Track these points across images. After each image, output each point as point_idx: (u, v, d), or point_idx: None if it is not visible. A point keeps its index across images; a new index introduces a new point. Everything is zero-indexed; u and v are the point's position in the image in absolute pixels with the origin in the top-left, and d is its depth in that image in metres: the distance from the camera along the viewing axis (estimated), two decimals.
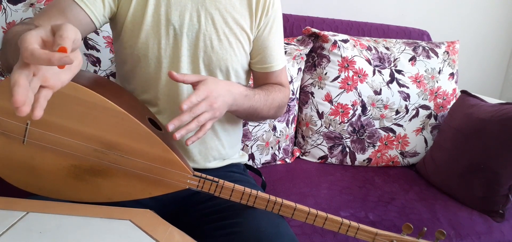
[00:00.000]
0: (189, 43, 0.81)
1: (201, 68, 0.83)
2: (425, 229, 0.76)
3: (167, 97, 0.83)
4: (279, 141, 1.32)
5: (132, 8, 0.79)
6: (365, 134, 1.38)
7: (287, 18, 1.45)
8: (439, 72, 1.44)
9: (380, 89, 1.37)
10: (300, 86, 1.40)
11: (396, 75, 1.40)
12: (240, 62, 0.87)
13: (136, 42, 0.79)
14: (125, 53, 0.82)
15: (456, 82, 1.48)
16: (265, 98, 0.85)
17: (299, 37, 1.42)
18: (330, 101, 1.36)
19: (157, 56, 0.80)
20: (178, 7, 0.80)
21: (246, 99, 0.80)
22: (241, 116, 0.90)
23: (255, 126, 1.26)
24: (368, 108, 1.37)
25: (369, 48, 1.41)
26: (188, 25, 0.80)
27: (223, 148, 0.91)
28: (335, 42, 1.36)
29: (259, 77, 0.94)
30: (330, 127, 1.37)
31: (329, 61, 1.36)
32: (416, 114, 1.41)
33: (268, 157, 1.32)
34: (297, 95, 1.38)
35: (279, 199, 0.72)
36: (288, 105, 1.31)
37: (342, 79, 1.35)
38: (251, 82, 0.99)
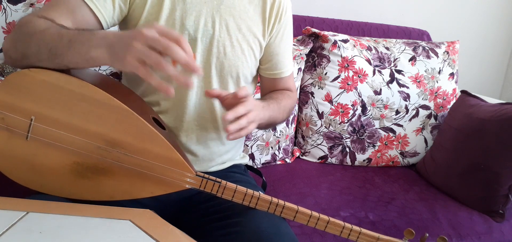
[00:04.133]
0: (203, 48, 0.81)
1: (213, 74, 0.82)
2: (427, 235, 0.75)
3: (174, 99, 0.82)
4: (279, 141, 1.32)
5: (146, 11, 0.78)
6: (365, 134, 1.38)
7: None
8: (439, 72, 1.44)
9: (380, 89, 1.37)
10: (300, 86, 1.40)
11: (396, 75, 1.40)
12: (250, 68, 0.87)
13: None
14: None
15: (456, 82, 1.48)
16: (278, 107, 0.86)
17: (299, 37, 1.42)
18: (330, 101, 1.36)
19: (170, 60, 0.79)
20: (193, 12, 0.79)
21: (265, 111, 0.80)
22: (260, 128, 0.90)
23: None
24: (368, 108, 1.37)
25: (369, 48, 1.41)
26: (202, 30, 0.80)
27: (227, 153, 0.91)
28: (335, 42, 1.36)
29: (267, 82, 0.94)
30: (330, 127, 1.37)
31: (329, 61, 1.36)
32: (416, 114, 1.41)
33: (268, 157, 1.32)
34: (297, 95, 1.38)
35: (281, 201, 0.72)
36: None
37: (342, 79, 1.35)
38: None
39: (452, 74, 1.46)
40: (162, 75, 0.80)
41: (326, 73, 1.36)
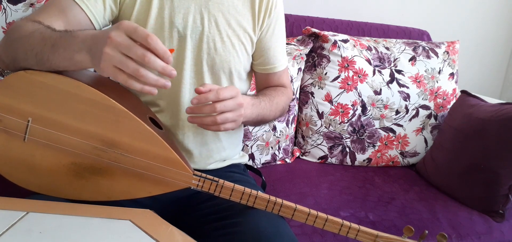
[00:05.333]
0: (193, 45, 0.81)
1: (205, 70, 0.82)
2: (427, 232, 0.75)
3: (169, 97, 0.83)
4: (279, 141, 1.32)
5: (136, 11, 0.78)
6: (365, 134, 1.38)
7: (287, 18, 1.45)
8: (439, 72, 1.44)
9: (380, 89, 1.37)
10: (300, 86, 1.40)
11: (396, 75, 1.40)
12: (243, 63, 0.87)
13: None
14: None
15: (456, 82, 1.48)
16: (270, 104, 0.86)
17: (299, 37, 1.42)
18: (330, 101, 1.36)
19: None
20: (182, 10, 0.79)
21: (254, 108, 0.80)
22: (249, 125, 0.90)
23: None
24: (368, 108, 1.37)
25: (369, 48, 1.41)
26: (191, 27, 0.80)
27: (224, 150, 0.91)
28: (335, 42, 1.36)
29: (261, 78, 0.94)
30: (330, 127, 1.37)
31: (329, 61, 1.36)
32: (416, 114, 1.41)
33: (268, 157, 1.32)
34: (297, 95, 1.38)
35: (279, 200, 0.72)
36: (288, 105, 1.31)
37: (342, 79, 1.35)
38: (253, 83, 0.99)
39: (452, 74, 1.46)
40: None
41: (326, 73, 1.36)
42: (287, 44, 1.33)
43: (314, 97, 1.38)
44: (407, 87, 1.39)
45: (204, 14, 0.80)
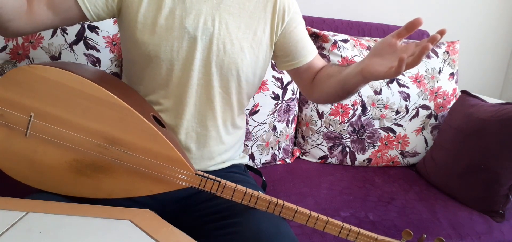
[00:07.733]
0: (203, 46, 0.81)
1: (213, 71, 0.82)
2: (425, 235, 0.75)
3: (175, 97, 0.82)
4: (279, 141, 1.32)
5: (143, 8, 0.78)
6: (365, 134, 1.38)
7: None
8: (439, 72, 1.44)
9: (380, 89, 1.37)
10: None
11: None
12: (251, 67, 0.86)
13: (148, 43, 0.79)
14: (135, 53, 0.81)
15: (456, 82, 1.48)
16: None
17: None
18: None
19: (170, 58, 0.80)
20: (193, 11, 0.79)
21: None
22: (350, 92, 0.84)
23: (255, 126, 1.26)
24: (368, 108, 1.37)
25: (369, 48, 1.41)
26: (202, 28, 0.80)
27: (226, 152, 0.91)
28: (335, 42, 1.36)
29: (300, 72, 0.92)
30: (330, 127, 1.37)
31: (329, 61, 1.36)
32: (416, 114, 1.41)
33: (268, 157, 1.32)
34: (297, 95, 1.38)
35: (280, 201, 0.72)
36: (288, 105, 1.31)
37: None
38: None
39: (452, 74, 1.46)
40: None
41: None
42: None
43: None
44: (407, 87, 1.39)
45: (215, 16, 0.80)
